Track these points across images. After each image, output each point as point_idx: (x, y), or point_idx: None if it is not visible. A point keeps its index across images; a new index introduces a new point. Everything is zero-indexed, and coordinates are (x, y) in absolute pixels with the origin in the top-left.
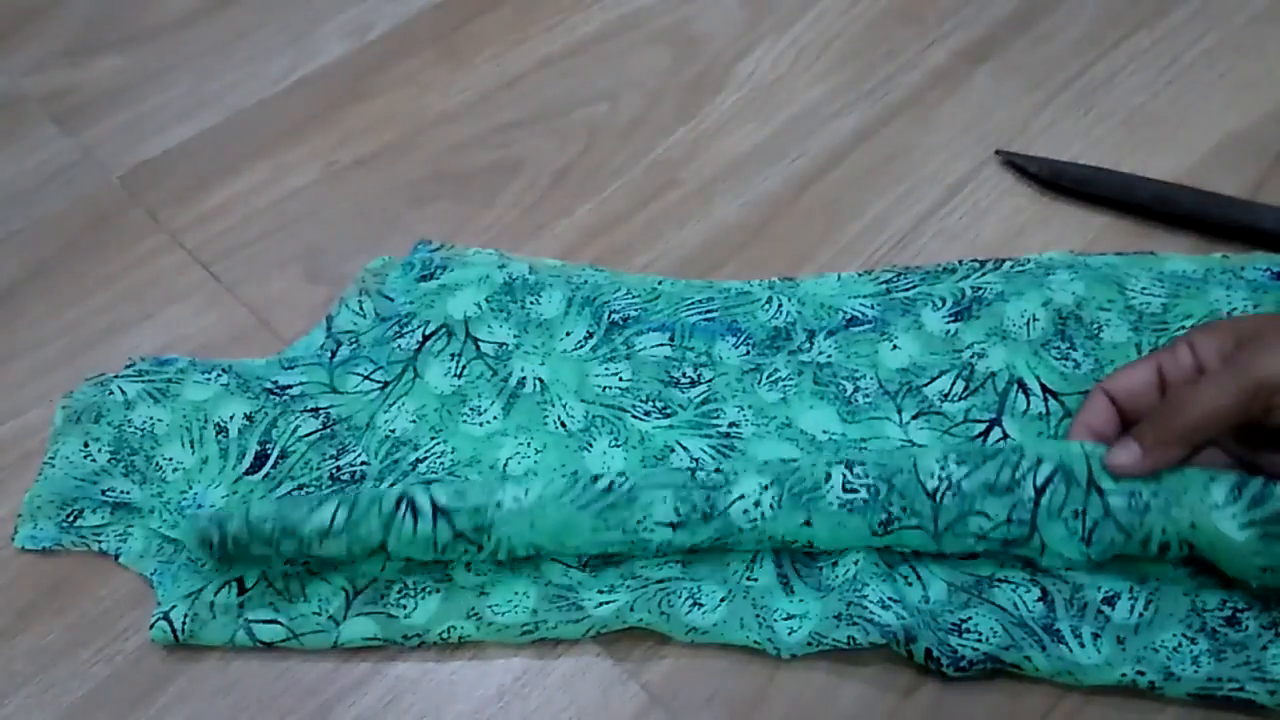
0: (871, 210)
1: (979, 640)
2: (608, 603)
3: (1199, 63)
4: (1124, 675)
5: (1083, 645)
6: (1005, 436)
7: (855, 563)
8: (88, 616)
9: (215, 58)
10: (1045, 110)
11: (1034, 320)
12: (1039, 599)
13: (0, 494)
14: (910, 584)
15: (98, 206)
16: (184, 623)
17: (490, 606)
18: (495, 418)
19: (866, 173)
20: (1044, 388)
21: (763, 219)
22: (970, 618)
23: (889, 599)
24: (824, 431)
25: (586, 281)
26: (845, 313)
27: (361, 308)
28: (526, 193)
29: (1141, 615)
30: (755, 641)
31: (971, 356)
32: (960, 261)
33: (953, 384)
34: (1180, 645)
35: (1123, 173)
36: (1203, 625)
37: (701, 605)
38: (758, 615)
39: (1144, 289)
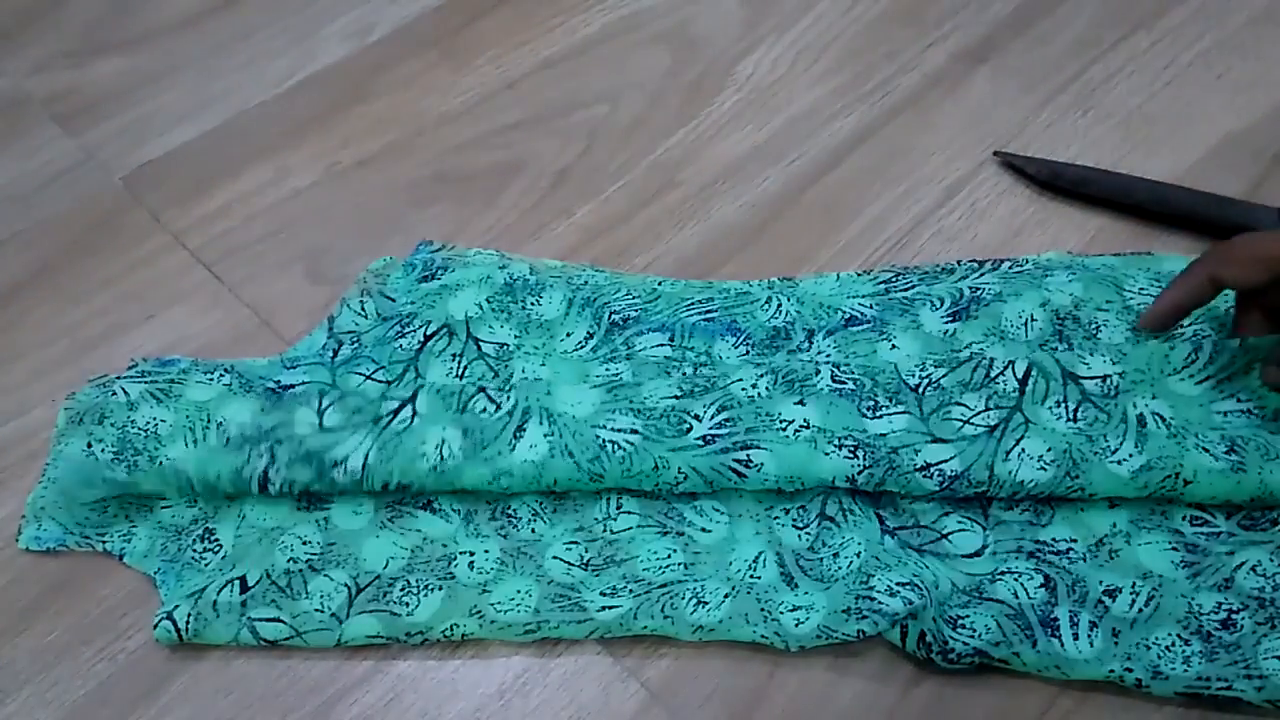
0: (870, 211)
1: (971, 635)
2: (611, 607)
3: (1196, 64)
4: (1112, 672)
5: (1076, 638)
6: (1027, 423)
7: (858, 554)
8: (90, 615)
9: (217, 59)
10: (1043, 111)
11: (1032, 321)
12: (1041, 585)
13: (3, 493)
14: (923, 569)
15: (100, 207)
16: (187, 622)
17: (493, 604)
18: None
19: (865, 174)
20: (1064, 371)
21: (762, 220)
22: (968, 615)
23: (896, 584)
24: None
25: (586, 282)
26: (844, 312)
27: (363, 308)
28: (527, 194)
29: (1141, 611)
30: (762, 636)
31: (970, 357)
32: (959, 262)
33: (946, 374)
34: (1173, 645)
35: (1120, 173)
36: (1199, 628)
37: (706, 603)
38: (763, 609)
39: (1141, 289)
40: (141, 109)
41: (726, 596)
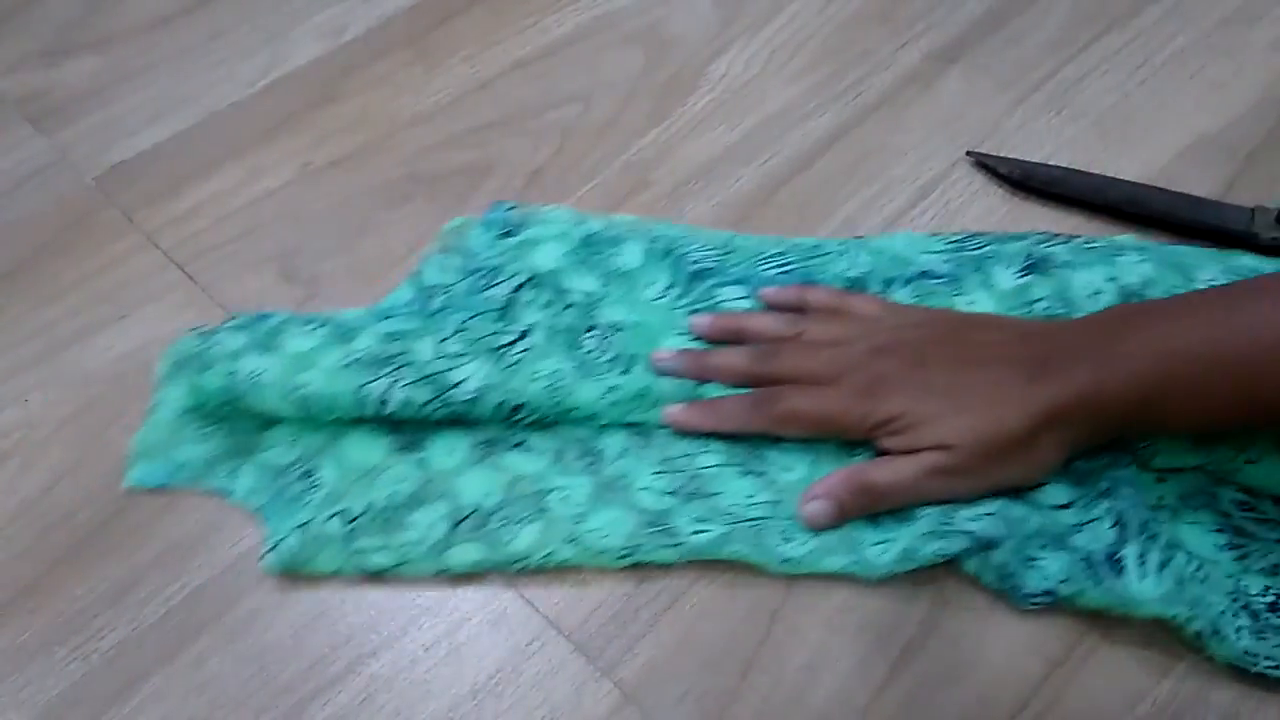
0: (843, 211)
1: (1043, 578)
2: (702, 532)
3: (1170, 64)
4: (1176, 616)
5: (1143, 576)
6: None
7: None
8: (63, 615)
9: (190, 59)
10: (1016, 111)
11: (1098, 294)
12: (1113, 525)
13: None
14: (1011, 505)
15: (73, 207)
16: (295, 551)
17: (589, 531)
18: None
19: (838, 173)
20: None
21: (735, 220)
22: (1044, 559)
23: (981, 514)
24: None
25: (662, 235)
26: (918, 266)
27: (446, 265)
28: (500, 193)
29: (1196, 572)
30: (844, 567)
31: (1044, 310)
32: (1027, 233)
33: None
34: (1225, 610)
35: (1093, 174)
36: (1245, 605)
37: (792, 540)
38: (846, 543)
39: (1211, 279)
40: (114, 109)
41: (813, 533)
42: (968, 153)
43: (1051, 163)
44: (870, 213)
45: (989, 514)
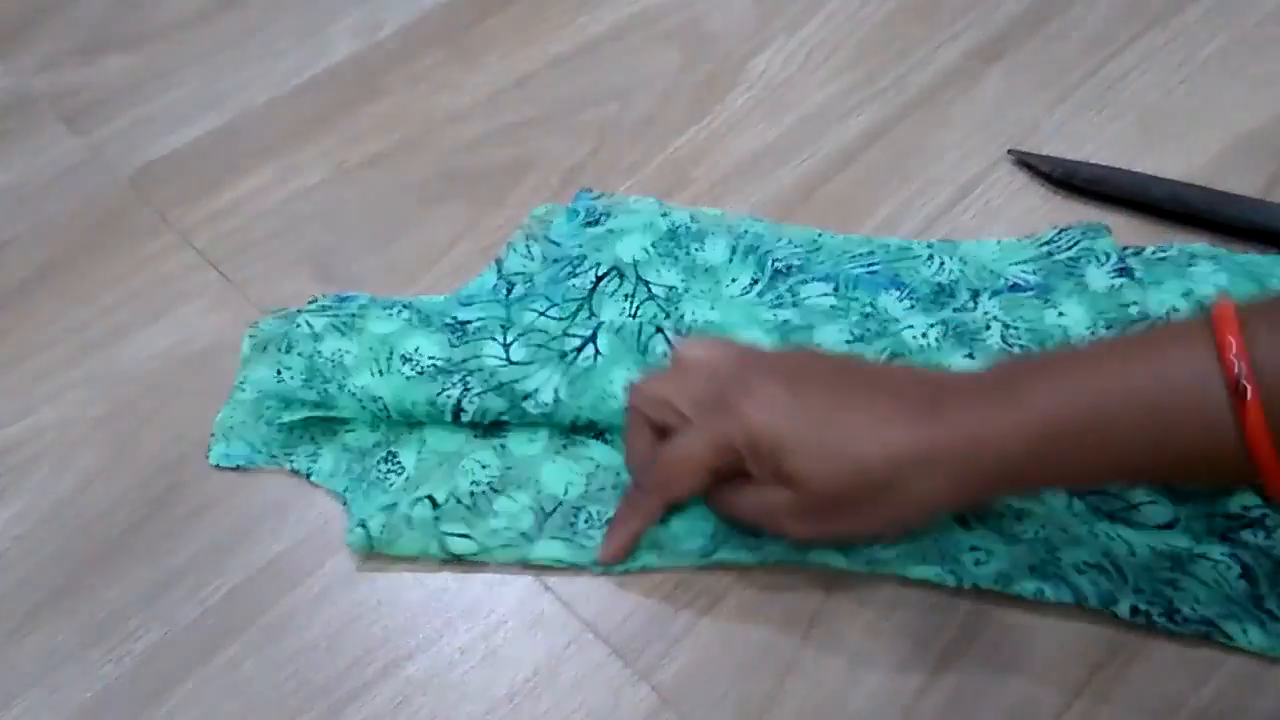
0: (883, 210)
1: (1195, 602)
2: None
3: (1212, 62)
4: None
5: None
6: None
7: (1042, 526)
8: (96, 617)
9: (225, 57)
10: (1058, 109)
11: (1173, 312)
12: (1240, 575)
13: (11, 493)
14: (1113, 540)
15: (107, 206)
16: (381, 531)
17: (670, 536)
18: None
19: (878, 172)
20: None
21: (774, 218)
22: (1178, 580)
23: (1084, 564)
24: None
25: (748, 231)
26: (1007, 279)
27: (530, 251)
28: (538, 192)
29: None
30: (936, 575)
31: (1137, 315)
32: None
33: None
34: None
35: (1135, 172)
36: None
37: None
38: (939, 549)
39: None
40: (149, 107)
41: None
42: (1009, 151)
43: (1093, 161)
44: (910, 212)
45: (1091, 565)
